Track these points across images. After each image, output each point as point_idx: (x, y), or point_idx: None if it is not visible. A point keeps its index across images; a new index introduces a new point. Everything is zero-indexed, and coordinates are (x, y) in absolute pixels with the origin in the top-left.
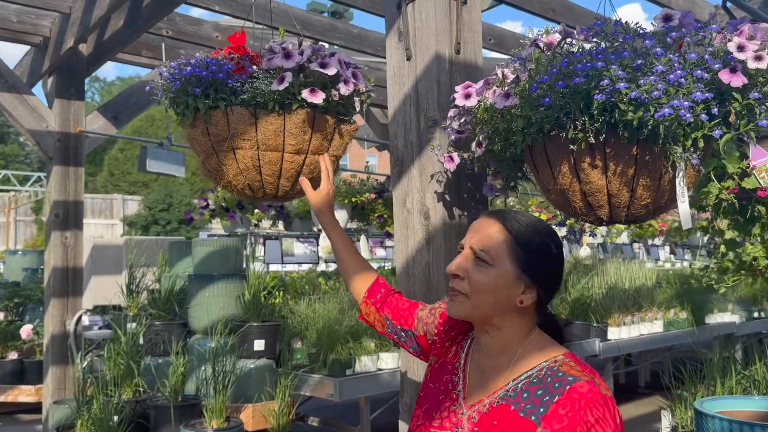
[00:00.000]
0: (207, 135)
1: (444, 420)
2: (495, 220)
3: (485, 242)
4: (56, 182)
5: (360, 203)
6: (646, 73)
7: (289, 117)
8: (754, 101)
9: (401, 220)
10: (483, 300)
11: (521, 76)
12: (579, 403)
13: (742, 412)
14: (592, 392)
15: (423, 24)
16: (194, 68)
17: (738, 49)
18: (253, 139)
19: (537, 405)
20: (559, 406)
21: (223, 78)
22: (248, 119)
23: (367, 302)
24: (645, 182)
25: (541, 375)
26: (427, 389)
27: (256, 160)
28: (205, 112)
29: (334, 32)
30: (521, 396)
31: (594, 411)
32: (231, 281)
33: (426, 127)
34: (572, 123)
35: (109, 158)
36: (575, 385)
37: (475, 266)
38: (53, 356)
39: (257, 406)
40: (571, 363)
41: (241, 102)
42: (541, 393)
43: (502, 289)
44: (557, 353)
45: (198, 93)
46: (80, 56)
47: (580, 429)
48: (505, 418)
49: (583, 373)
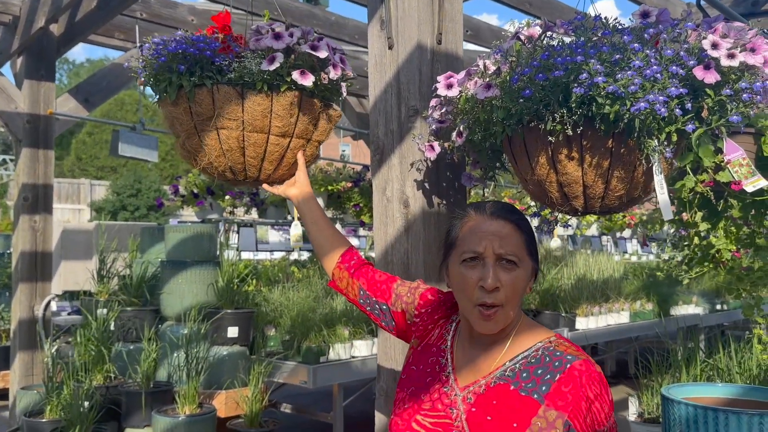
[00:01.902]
0: (190, 114)
1: (435, 402)
2: (506, 222)
3: (511, 246)
4: (25, 165)
5: (336, 192)
6: (623, 68)
7: (277, 99)
8: (726, 97)
9: (381, 208)
10: (515, 303)
11: (502, 67)
12: (580, 380)
13: (707, 398)
14: (590, 370)
15: (405, 13)
16: (179, 45)
17: (712, 47)
18: (239, 119)
19: (538, 384)
20: (561, 384)
21: (211, 56)
22: (235, 99)
23: (341, 267)
24: (619, 174)
25: (539, 355)
26: (410, 371)
27: (240, 141)
28: (189, 90)
29: (311, 19)
30: (520, 375)
31: (593, 387)
32: (204, 268)
33: (407, 116)
34: (551, 115)
35: (77, 142)
36: (575, 363)
37: (505, 272)
38: (21, 342)
39: (230, 393)
40: (565, 343)
41: (228, 81)
42: (541, 372)
43: (524, 286)
44: (549, 334)
45: (183, 70)
46: (51, 37)
47: (582, 404)
48: (505, 398)
49: (579, 353)
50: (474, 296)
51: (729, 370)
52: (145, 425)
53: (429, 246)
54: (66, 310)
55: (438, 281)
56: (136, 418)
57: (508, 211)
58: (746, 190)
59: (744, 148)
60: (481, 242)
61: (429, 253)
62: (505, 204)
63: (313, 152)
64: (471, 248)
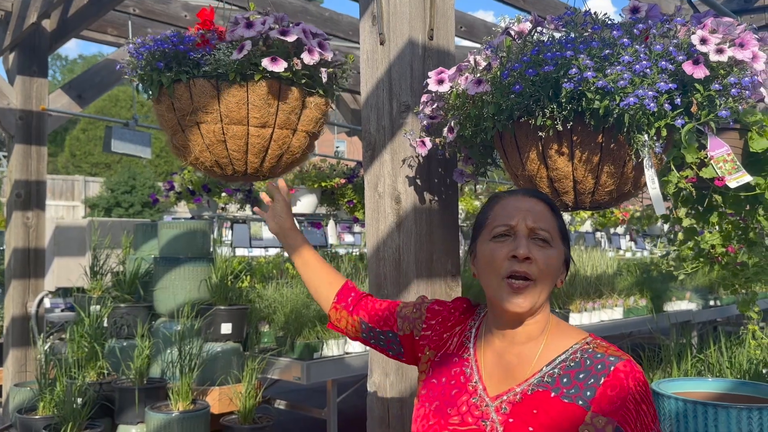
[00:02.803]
0: (173, 110)
1: (464, 415)
2: (539, 200)
3: (544, 222)
4: (18, 161)
5: (329, 188)
6: (613, 63)
7: (252, 88)
8: (715, 92)
9: (373, 203)
10: (547, 284)
11: (493, 63)
12: (627, 382)
13: (697, 393)
14: (635, 371)
15: (397, 9)
16: (157, 43)
17: (701, 42)
18: (216, 112)
19: (582, 389)
20: (607, 388)
21: (185, 50)
22: (210, 91)
23: (337, 307)
24: (609, 169)
25: (578, 358)
26: (431, 385)
27: (220, 135)
28: (168, 85)
29: (305, 15)
30: (560, 381)
31: (639, 389)
32: (197, 264)
33: (399, 112)
34: (541, 110)
35: (71, 138)
36: (618, 365)
37: (536, 248)
38: (14, 339)
39: (224, 389)
40: (603, 344)
41: (203, 74)
42: (583, 376)
43: (556, 270)
44: (583, 335)
45: (162, 66)
46: (43, 32)
47: (632, 408)
48: (546, 406)
49: (621, 353)
50: (503, 268)
51: (720, 365)
52: (138, 422)
53: (421, 242)
54: (59, 306)
55: (429, 276)
56: (129, 414)
57: (542, 194)
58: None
59: (730, 144)
60: (514, 216)
61: (421, 249)
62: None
63: (301, 144)
64: (503, 222)
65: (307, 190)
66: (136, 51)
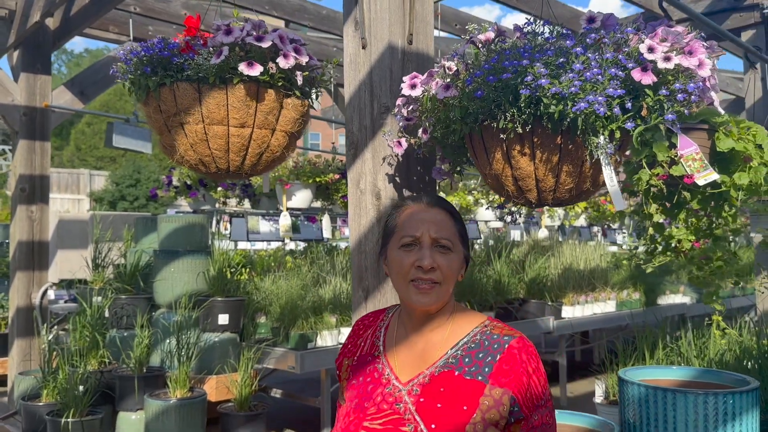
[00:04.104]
0: (159, 111)
1: (380, 404)
2: (440, 209)
3: (445, 231)
4: (22, 156)
5: (324, 183)
6: (568, 71)
7: (231, 91)
8: (664, 97)
9: (355, 200)
10: (450, 283)
11: (461, 69)
12: (519, 357)
13: (663, 380)
14: (526, 346)
15: (377, 15)
16: (145, 49)
17: (648, 51)
18: (198, 113)
19: (481, 366)
20: (502, 363)
21: (168, 55)
22: (192, 94)
23: None
24: (568, 169)
25: (477, 339)
26: (351, 386)
27: (202, 134)
28: (154, 89)
29: (303, 13)
30: (463, 361)
31: (531, 362)
32: (196, 257)
33: (379, 113)
34: (503, 114)
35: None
36: (512, 342)
37: (441, 255)
38: (19, 329)
39: (221, 378)
40: (499, 325)
41: (186, 78)
42: (482, 356)
43: (458, 270)
44: (482, 318)
45: (148, 71)
46: (47, 30)
47: (523, 379)
48: (451, 384)
49: (513, 332)
50: (410, 274)
51: (688, 355)
52: (137, 408)
53: None
54: (63, 298)
55: None
56: (129, 401)
57: (443, 201)
58: (698, 183)
59: (698, 144)
60: (419, 228)
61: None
62: (440, 196)
63: (280, 143)
64: (409, 233)
65: (302, 185)
66: (125, 57)
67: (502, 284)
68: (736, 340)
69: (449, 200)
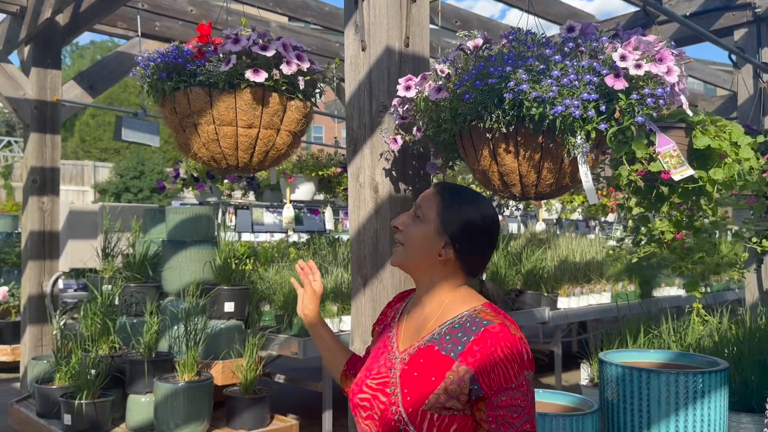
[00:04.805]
0: (174, 113)
1: (380, 367)
2: (433, 189)
3: (425, 204)
4: (33, 149)
5: (326, 177)
6: (547, 77)
7: (239, 95)
8: (635, 101)
9: (354, 192)
10: (413, 250)
11: (451, 73)
12: (490, 341)
13: (641, 362)
14: (503, 332)
15: (376, 19)
16: (160, 56)
17: (620, 59)
18: (209, 115)
19: (456, 344)
20: (474, 344)
21: (183, 63)
22: (204, 97)
23: (347, 374)
24: (549, 165)
25: (462, 321)
26: (371, 350)
27: (213, 134)
28: (170, 93)
29: (306, 10)
30: (444, 338)
31: (503, 348)
32: (203, 247)
33: (377, 112)
34: (489, 115)
35: (80, 124)
36: (488, 327)
37: (412, 221)
38: (31, 316)
39: (227, 363)
40: (487, 311)
41: (198, 83)
42: (460, 335)
43: (427, 241)
44: (478, 303)
45: (164, 77)
46: (57, 26)
47: (489, 362)
48: (429, 357)
49: (497, 318)
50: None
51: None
52: (147, 391)
53: None
54: (72, 287)
55: None
56: (139, 384)
57: (445, 186)
58: (674, 179)
59: (677, 141)
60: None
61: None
62: (457, 185)
63: (285, 141)
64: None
65: (305, 178)
66: (144, 63)
67: (499, 275)
68: (716, 327)
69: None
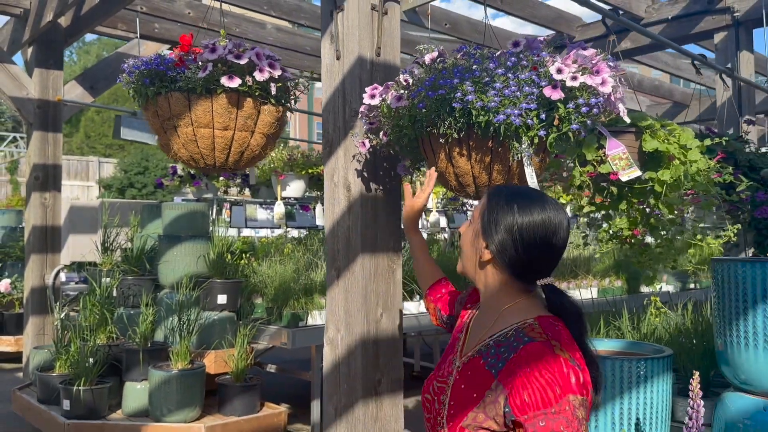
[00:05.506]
0: (157, 116)
1: (444, 370)
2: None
3: (477, 210)
4: (36, 147)
5: (316, 174)
6: (491, 89)
7: (215, 99)
8: (572, 110)
9: (329, 191)
10: (464, 254)
11: (410, 83)
12: (527, 360)
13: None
14: (545, 351)
15: (349, 30)
16: (144, 64)
17: (557, 72)
18: (188, 117)
19: (498, 360)
20: (513, 363)
21: (165, 70)
22: (183, 102)
23: (428, 298)
24: (498, 168)
25: (509, 335)
26: (449, 343)
27: (192, 135)
28: (152, 97)
29: (299, 12)
30: (490, 351)
31: (540, 369)
32: (197, 242)
33: (350, 117)
34: (442, 122)
35: (86, 120)
36: (528, 345)
37: (467, 226)
38: (33, 307)
39: (219, 352)
40: (536, 325)
41: (178, 88)
42: (503, 350)
43: (472, 243)
44: (530, 317)
45: (147, 82)
46: (59, 28)
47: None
48: (475, 370)
49: (542, 335)
50: None
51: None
52: (142, 379)
53: (366, 223)
54: (74, 279)
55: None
56: (135, 372)
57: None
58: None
59: (628, 145)
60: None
61: (366, 228)
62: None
63: (259, 143)
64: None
65: (295, 176)
66: (128, 70)
67: None
68: (675, 319)
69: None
